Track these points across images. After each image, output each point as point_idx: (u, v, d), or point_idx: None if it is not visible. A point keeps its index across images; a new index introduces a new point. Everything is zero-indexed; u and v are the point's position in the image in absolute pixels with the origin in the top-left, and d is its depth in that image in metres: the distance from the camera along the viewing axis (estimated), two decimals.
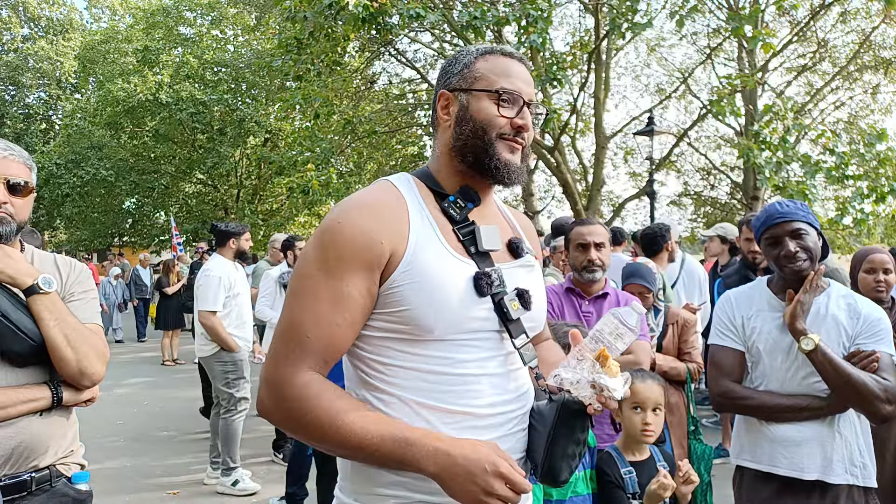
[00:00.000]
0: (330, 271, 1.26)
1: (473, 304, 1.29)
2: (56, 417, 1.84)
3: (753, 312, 2.30)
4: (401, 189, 1.36)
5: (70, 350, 1.79)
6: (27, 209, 1.88)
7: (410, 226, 1.29)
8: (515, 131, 1.36)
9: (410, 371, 1.28)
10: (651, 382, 2.25)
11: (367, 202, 1.31)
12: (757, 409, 2.22)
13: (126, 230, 26.65)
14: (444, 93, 1.42)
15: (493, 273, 1.32)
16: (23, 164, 1.86)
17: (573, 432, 1.31)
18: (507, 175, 1.36)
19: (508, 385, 1.35)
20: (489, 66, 1.39)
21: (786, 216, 2.20)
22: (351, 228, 1.26)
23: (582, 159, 14.87)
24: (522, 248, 1.44)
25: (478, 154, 1.35)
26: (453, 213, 1.36)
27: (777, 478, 2.19)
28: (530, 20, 8.20)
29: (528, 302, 1.35)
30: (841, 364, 2.06)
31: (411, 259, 1.26)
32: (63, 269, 1.97)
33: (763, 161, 8.83)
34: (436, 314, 1.25)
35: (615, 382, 1.26)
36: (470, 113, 1.37)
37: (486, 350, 1.32)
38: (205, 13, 23.18)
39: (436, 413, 1.27)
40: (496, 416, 1.31)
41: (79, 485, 1.91)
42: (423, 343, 1.27)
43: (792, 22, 13.46)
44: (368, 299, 1.27)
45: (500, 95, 1.35)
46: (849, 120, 17.27)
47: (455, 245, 1.33)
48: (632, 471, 2.19)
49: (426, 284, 1.25)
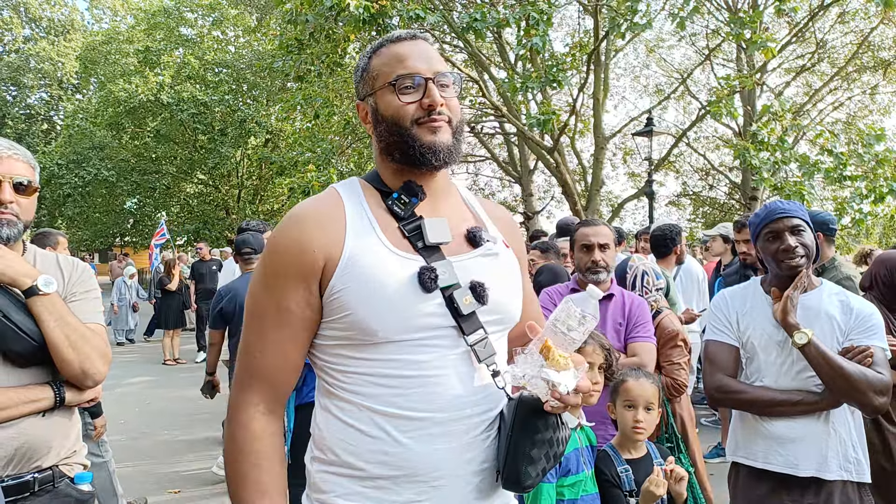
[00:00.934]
0: (269, 287, 1.28)
1: (420, 302, 1.24)
2: (58, 418, 1.85)
3: (748, 309, 2.33)
4: (342, 193, 1.35)
5: (72, 351, 1.78)
6: (32, 208, 1.89)
7: (347, 229, 1.28)
8: (427, 112, 1.31)
9: (364, 377, 1.25)
10: (644, 381, 2.27)
11: (299, 214, 1.31)
12: (751, 403, 2.24)
13: (127, 230, 26.67)
14: (359, 104, 1.42)
15: (439, 267, 1.27)
16: (27, 164, 1.87)
17: (535, 432, 1.24)
18: (435, 156, 1.31)
19: (472, 386, 1.28)
20: (382, 60, 1.36)
21: (787, 212, 2.25)
22: (283, 242, 1.28)
23: (581, 160, 14.87)
24: (482, 237, 1.38)
25: (401, 148, 1.32)
26: (397, 209, 1.33)
27: (772, 475, 2.21)
28: (531, 22, 8.21)
29: (483, 295, 1.29)
30: (833, 357, 2.09)
31: (348, 263, 1.24)
32: (65, 268, 1.97)
33: (759, 162, 8.85)
34: (378, 316, 1.22)
35: (562, 376, 1.19)
36: (380, 113, 1.35)
37: (443, 349, 1.26)
38: (206, 14, 23.21)
39: (392, 421, 1.23)
40: (458, 420, 1.26)
41: (81, 485, 1.91)
42: (373, 347, 1.24)
43: (790, 23, 13.47)
44: (309, 311, 1.27)
45: (395, 84, 1.32)
46: (847, 120, 17.28)
47: (399, 242, 1.29)
48: (628, 469, 2.21)
49: (365, 286, 1.23)
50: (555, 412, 1.24)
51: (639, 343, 2.87)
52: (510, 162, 17.11)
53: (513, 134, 15.07)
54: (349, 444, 1.26)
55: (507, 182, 20.42)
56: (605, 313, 2.93)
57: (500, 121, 13.16)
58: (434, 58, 1.36)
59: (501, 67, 15.16)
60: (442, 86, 1.34)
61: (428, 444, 1.24)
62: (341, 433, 1.27)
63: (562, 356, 1.20)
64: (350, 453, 1.25)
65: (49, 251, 2.04)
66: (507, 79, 9.60)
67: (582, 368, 1.25)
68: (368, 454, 1.24)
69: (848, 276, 3.50)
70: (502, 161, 17.49)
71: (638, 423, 2.21)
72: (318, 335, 1.30)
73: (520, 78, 9.26)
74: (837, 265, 3.69)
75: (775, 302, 2.22)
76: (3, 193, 1.79)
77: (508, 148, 17.06)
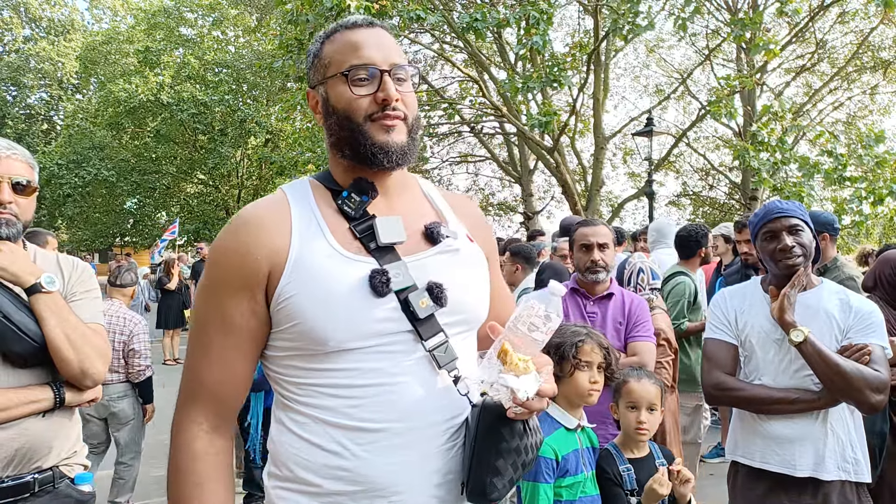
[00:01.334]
0: (211, 298, 1.21)
1: (372, 307, 1.16)
2: (58, 418, 1.84)
3: (746, 307, 2.34)
4: (289, 195, 1.27)
5: (72, 350, 1.78)
6: (31, 208, 1.89)
7: (293, 233, 1.20)
8: (382, 107, 1.22)
9: (318, 388, 1.18)
10: (646, 382, 2.27)
11: (242, 219, 1.23)
12: (749, 401, 2.24)
13: (127, 230, 26.68)
14: (309, 92, 1.32)
15: (392, 269, 1.19)
16: (25, 164, 1.87)
17: (500, 441, 1.16)
18: (387, 157, 1.22)
19: (433, 393, 1.20)
20: (335, 47, 1.26)
21: (785, 212, 2.26)
22: (224, 249, 1.21)
23: (581, 160, 14.88)
24: (440, 233, 1.28)
25: (351, 144, 1.24)
26: (347, 209, 1.24)
27: (770, 474, 2.21)
28: (532, 22, 8.22)
29: (441, 297, 1.21)
30: (830, 355, 2.09)
31: (294, 269, 1.17)
32: (65, 268, 1.97)
33: (759, 163, 8.86)
34: (327, 324, 1.14)
35: (522, 381, 1.10)
36: (331, 104, 1.25)
37: (399, 355, 1.18)
38: (206, 14, 23.23)
39: (349, 433, 1.16)
40: (419, 430, 1.18)
41: (82, 486, 1.91)
42: (326, 356, 1.17)
43: (790, 23, 13.48)
44: (255, 321, 1.20)
45: (348, 75, 1.22)
46: (847, 120, 17.29)
47: (350, 244, 1.21)
48: (630, 468, 2.21)
49: (313, 294, 1.15)
50: (519, 419, 1.16)
51: (639, 342, 2.87)
52: (510, 162, 17.12)
53: (513, 134, 15.07)
54: (304, 458, 1.18)
55: (507, 182, 20.43)
56: (606, 313, 2.94)
57: (500, 121, 13.17)
58: (391, 48, 1.27)
59: (501, 67, 15.16)
60: (398, 79, 1.25)
61: (387, 456, 1.16)
62: (296, 448, 1.19)
63: (521, 359, 1.11)
64: (305, 469, 1.18)
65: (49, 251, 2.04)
66: (508, 79, 9.60)
67: (546, 370, 1.16)
68: (324, 469, 1.17)
69: (850, 277, 3.50)
70: (502, 161, 17.51)
71: (641, 425, 2.21)
72: (269, 346, 1.23)
73: (520, 78, 9.26)
74: (840, 265, 3.69)
75: (773, 300, 2.23)
76: (2, 194, 1.79)
77: (508, 148, 17.07)
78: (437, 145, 18.51)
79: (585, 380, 2.16)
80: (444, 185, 20.71)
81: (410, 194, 1.37)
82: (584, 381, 2.16)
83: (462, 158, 19.52)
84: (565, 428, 2.13)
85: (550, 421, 2.13)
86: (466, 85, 14.40)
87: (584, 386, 2.16)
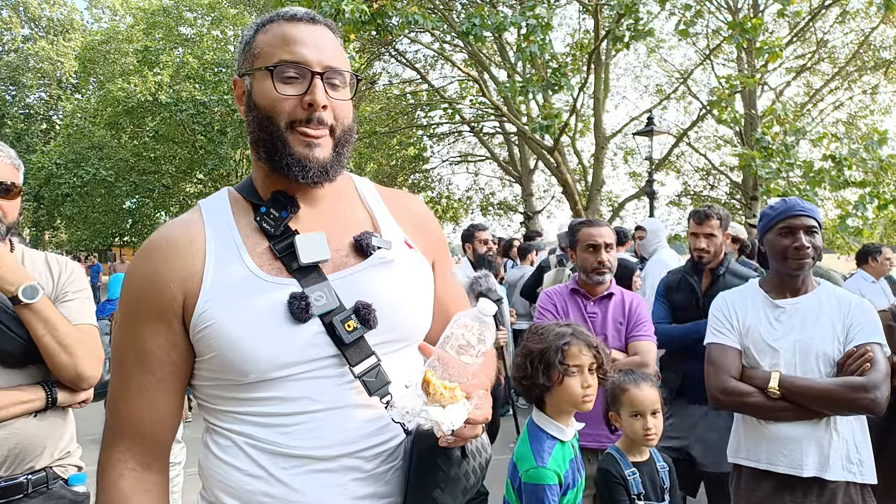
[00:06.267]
0: (127, 329, 1.13)
1: (293, 334, 1.08)
2: (52, 418, 1.83)
3: (747, 312, 2.33)
4: (204, 212, 1.18)
5: (66, 356, 1.76)
6: (15, 210, 1.85)
7: (207, 256, 1.11)
8: (307, 114, 1.11)
9: (242, 416, 1.11)
10: (645, 386, 2.24)
11: (154, 243, 1.14)
12: (756, 407, 2.22)
13: (126, 230, 26.67)
14: (236, 80, 1.21)
15: (314, 292, 1.10)
16: (10, 165, 1.84)
17: (436, 470, 1.08)
18: (303, 173, 1.12)
19: (364, 419, 1.11)
20: (268, 37, 1.15)
21: (806, 211, 2.26)
22: (136, 276, 1.13)
23: (581, 159, 14.88)
24: (370, 246, 1.18)
25: (267, 148, 1.13)
26: (266, 226, 1.14)
27: (774, 475, 2.20)
28: (530, 28, 8.21)
29: (369, 318, 1.12)
30: (808, 383, 2.13)
31: (208, 296, 1.08)
32: (54, 268, 1.93)
33: (765, 173, 8.83)
34: (246, 355, 1.06)
35: (448, 413, 1.00)
36: (254, 99, 1.14)
37: (326, 381, 1.10)
38: (205, 13, 23.22)
39: (273, 458, 1.09)
40: (347, 456, 1.10)
41: (76, 486, 1.89)
42: (248, 386, 1.09)
43: (791, 23, 13.47)
44: (173, 352, 1.11)
45: (274, 70, 1.11)
46: (848, 120, 17.29)
47: (270, 265, 1.12)
48: (635, 472, 2.18)
49: (229, 322, 1.07)
50: (454, 446, 1.08)
51: (640, 342, 2.86)
52: (510, 162, 17.13)
53: (513, 133, 15.08)
54: (227, 484, 1.11)
55: (507, 182, 20.44)
56: (606, 313, 2.93)
57: (501, 120, 13.16)
58: (329, 49, 1.15)
59: (502, 67, 15.16)
60: (332, 85, 1.14)
61: (315, 482, 1.08)
62: (220, 473, 1.13)
63: (448, 387, 1.02)
64: (230, 495, 1.11)
65: None
66: (508, 81, 9.58)
67: (477, 395, 1.07)
68: (248, 496, 1.09)
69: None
70: (502, 161, 17.52)
71: (648, 431, 2.18)
72: (194, 374, 1.16)
73: (521, 81, 9.25)
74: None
75: None
76: None
77: (508, 148, 17.08)
78: (437, 145, 18.52)
79: (577, 386, 1.96)
80: (444, 184, 20.73)
81: (344, 200, 1.26)
82: (576, 388, 1.96)
83: (462, 158, 19.54)
84: (561, 441, 1.99)
85: (547, 437, 1.97)
86: (466, 84, 14.40)
87: (577, 393, 1.96)
